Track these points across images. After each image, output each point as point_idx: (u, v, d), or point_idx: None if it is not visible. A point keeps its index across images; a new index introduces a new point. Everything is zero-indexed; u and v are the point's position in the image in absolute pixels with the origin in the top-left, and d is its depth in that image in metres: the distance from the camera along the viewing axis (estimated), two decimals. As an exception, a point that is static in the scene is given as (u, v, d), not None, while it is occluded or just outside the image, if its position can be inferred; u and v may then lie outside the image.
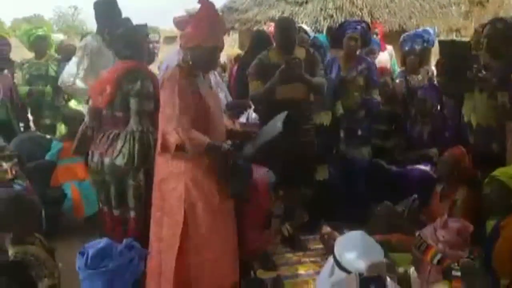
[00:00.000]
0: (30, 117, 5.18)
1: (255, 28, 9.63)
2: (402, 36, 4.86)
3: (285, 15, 8.94)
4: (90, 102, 3.09)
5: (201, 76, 2.52)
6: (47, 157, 4.14)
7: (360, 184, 4.21)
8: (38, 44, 4.99)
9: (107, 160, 2.83)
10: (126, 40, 2.83)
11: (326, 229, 3.80)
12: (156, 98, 2.67)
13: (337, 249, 1.90)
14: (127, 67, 2.79)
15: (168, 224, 2.46)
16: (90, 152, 2.97)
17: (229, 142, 2.60)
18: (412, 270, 2.28)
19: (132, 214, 2.85)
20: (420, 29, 4.77)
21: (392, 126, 4.47)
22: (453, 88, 3.65)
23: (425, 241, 2.15)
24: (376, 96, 4.21)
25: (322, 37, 4.79)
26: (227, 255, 2.51)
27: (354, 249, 1.86)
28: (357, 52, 4.15)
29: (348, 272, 1.84)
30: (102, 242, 2.09)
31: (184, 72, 2.42)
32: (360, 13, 9.05)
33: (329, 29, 6.11)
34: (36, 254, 2.50)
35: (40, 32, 4.96)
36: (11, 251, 2.34)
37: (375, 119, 4.40)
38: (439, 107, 4.24)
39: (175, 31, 5.02)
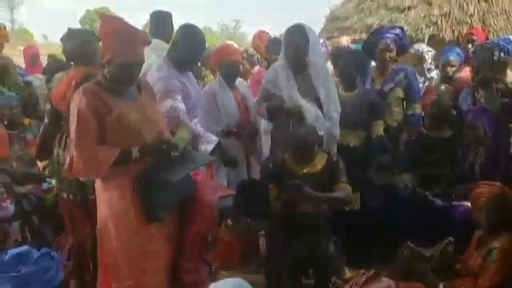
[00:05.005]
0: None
1: (352, 37, 9.15)
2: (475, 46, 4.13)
3: (384, 22, 8.31)
4: (49, 105, 3.11)
5: (127, 90, 2.34)
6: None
7: (397, 218, 3.66)
8: None
9: None
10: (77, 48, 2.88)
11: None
12: None
13: None
14: (84, 72, 2.80)
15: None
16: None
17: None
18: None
19: None
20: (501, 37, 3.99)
21: (450, 153, 3.80)
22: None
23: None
24: (419, 111, 3.63)
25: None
26: (153, 281, 2.33)
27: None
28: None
29: None
30: (22, 248, 2.10)
31: (96, 87, 2.28)
32: (470, 20, 7.99)
33: None
34: None
35: None
36: None
37: (427, 144, 3.80)
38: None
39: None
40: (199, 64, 4.02)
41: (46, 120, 3.16)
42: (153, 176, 2.25)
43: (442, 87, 3.76)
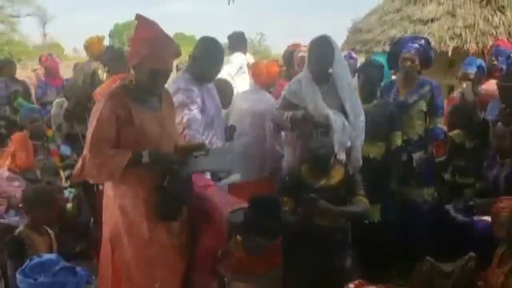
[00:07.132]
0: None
1: (375, 49, 9.10)
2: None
3: (407, 34, 8.22)
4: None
5: (149, 99, 2.34)
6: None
7: (417, 232, 3.60)
8: None
9: None
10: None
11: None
12: None
13: None
14: (121, 78, 2.96)
15: (102, 250, 2.40)
16: None
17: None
18: None
19: None
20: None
21: (478, 164, 3.72)
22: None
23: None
24: (440, 125, 3.58)
25: (381, 58, 4.26)
26: None
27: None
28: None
29: None
30: (49, 256, 2.13)
31: (122, 92, 2.29)
32: (495, 32, 7.85)
33: None
34: (37, 247, 2.66)
35: None
36: (19, 229, 2.67)
37: (455, 154, 3.75)
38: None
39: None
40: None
41: None
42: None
43: (464, 84, 3.71)
